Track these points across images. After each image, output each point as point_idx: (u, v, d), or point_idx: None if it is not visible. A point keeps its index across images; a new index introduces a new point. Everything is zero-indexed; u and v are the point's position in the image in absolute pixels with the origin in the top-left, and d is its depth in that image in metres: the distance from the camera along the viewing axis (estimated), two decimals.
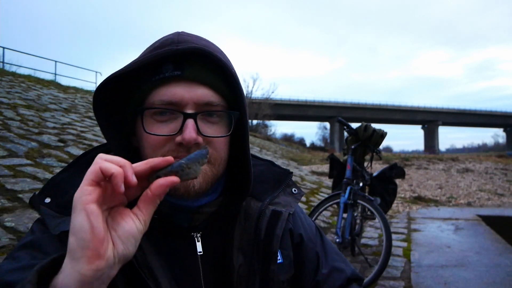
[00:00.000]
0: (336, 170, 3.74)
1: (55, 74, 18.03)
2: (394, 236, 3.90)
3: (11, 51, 27.99)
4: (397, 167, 3.93)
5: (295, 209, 0.85)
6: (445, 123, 79.39)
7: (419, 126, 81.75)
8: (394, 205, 6.34)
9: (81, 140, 4.77)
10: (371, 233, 4.41)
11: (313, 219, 3.02)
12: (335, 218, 4.17)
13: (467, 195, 8.22)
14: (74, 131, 5.16)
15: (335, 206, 3.32)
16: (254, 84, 76.64)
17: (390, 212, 5.65)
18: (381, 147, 3.85)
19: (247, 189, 0.76)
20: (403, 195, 7.67)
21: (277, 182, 0.84)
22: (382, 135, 3.52)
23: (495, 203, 7.47)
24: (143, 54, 0.69)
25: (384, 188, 3.75)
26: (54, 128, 5.03)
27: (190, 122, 0.65)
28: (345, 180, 3.11)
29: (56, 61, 18.83)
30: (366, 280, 2.66)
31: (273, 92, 57.11)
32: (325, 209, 3.13)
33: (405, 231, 4.57)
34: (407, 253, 3.63)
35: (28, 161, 3.52)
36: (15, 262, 0.60)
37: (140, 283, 0.63)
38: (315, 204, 3.80)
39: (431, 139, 74.34)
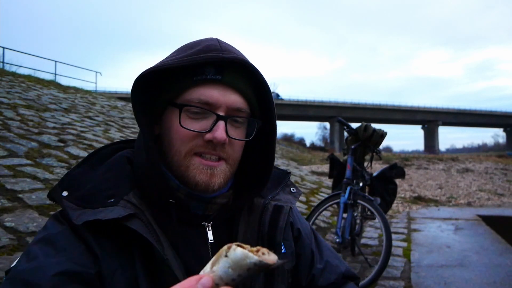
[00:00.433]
0: (336, 170, 3.74)
1: (55, 74, 18.01)
2: (394, 236, 3.90)
3: (11, 51, 28.01)
4: (397, 167, 3.93)
5: (294, 206, 0.90)
6: (445, 123, 79.33)
7: (419, 126, 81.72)
8: (394, 205, 6.34)
9: (81, 140, 4.77)
10: (371, 233, 4.41)
11: (313, 219, 3.03)
12: (335, 218, 4.16)
13: (467, 195, 8.23)
14: (74, 131, 5.16)
15: (335, 206, 3.33)
16: None
17: (390, 212, 5.65)
18: (381, 147, 3.85)
19: (261, 187, 0.83)
20: (403, 195, 7.67)
21: (277, 181, 0.90)
22: (382, 135, 3.52)
23: (495, 203, 7.47)
24: (185, 55, 0.73)
25: (384, 188, 3.75)
26: (54, 128, 5.03)
27: (222, 123, 0.72)
28: (345, 180, 3.11)
29: (56, 61, 18.81)
30: (366, 280, 2.66)
31: (273, 92, 57.04)
32: (325, 209, 3.14)
33: (405, 231, 4.57)
34: (407, 253, 3.63)
35: (28, 161, 3.52)
36: (30, 259, 0.62)
37: (158, 275, 0.66)
38: (315, 204, 3.79)
39: (431, 139, 74.31)
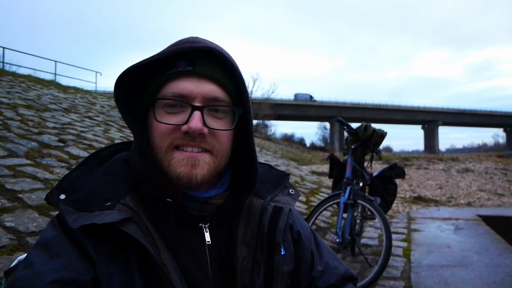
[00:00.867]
0: (336, 170, 3.74)
1: (55, 74, 18.01)
2: (394, 236, 3.89)
3: (11, 51, 27.95)
4: (397, 167, 3.93)
5: (293, 208, 0.90)
6: (445, 123, 79.26)
7: (419, 126, 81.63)
8: (394, 205, 6.34)
9: (81, 140, 4.77)
10: (371, 233, 4.41)
11: (313, 219, 3.02)
12: (335, 218, 4.16)
13: (467, 195, 8.22)
14: (74, 131, 5.16)
15: (335, 206, 3.32)
16: (254, 84, 76.55)
17: (390, 212, 5.65)
18: (381, 147, 3.85)
19: (252, 184, 0.81)
20: (403, 195, 7.67)
21: (276, 183, 0.89)
22: (382, 135, 3.52)
23: (495, 203, 7.47)
24: (160, 52, 0.74)
25: (384, 188, 3.74)
26: (54, 128, 5.03)
27: (197, 114, 0.70)
28: (345, 180, 3.11)
29: (56, 61, 18.79)
30: (366, 280, 2.66)
31: (273, 92, 57.08)
32: (325, 209, 3.13)
33: (405, 231, 4.57)
34: (407, 253, 3.63)
35: (28, 161, 3.52)
36: (27, 266, 0.63)
37: (154, 279, 0.66)
38: (315, 204, 3.79)
39: (431, 139, 74.26)
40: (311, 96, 66.27)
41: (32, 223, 2.45)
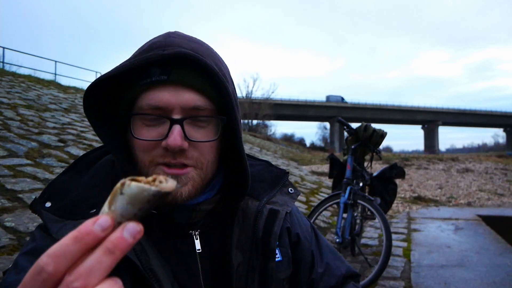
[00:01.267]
0: (336, 170, 3.74)
1: (55, 74, 18.06)
2: (394, 236, 3.90)
3: (11, 51, 28.03)
4: (397, 167, 3.93)
5: (291, 209, 0.85)
6: (445, 123, 79.33)
7: (419, 126, 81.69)
8: (394, 205, 6.34)
9: (81, 140, 4.77)
10: (371, 233, 4.41)
11: (313, 219, 3.02)
12: (335, 218, 4.17)
13: (467, 195, 8.23)
14: (74, 131, 5.16)
15: (335, 206, 3.32)
16: (254, 84, 76.86)
17: (390, 212, 5.65)
18: (381, 147, 3.85)
19: (244, 189, 0.76)
20: (403, 195, 7.67)
21: (274, 182, 0.85)
22: (382, 135, 3.52)
23: (495, 203, 7.47)
24: (132, 57, 0.68)
25: (384, 188, 3.75)
26: (54, 128, 5.03)
27: (176, 128, 0.64)
28: (345, 180, 3.11)
29: (56, 61, 18.90)
30: (366, 280, 2.66)
31: (273, 92, 57.37)
32: (325, 209, 3.13)
33: (405, 231, 4.57)
34: (407, 253, 3.63)
35: (28, 161, 3.52)
36: (20, 271, 0.59)
37: (144, 286, 0.63)
38: (315, 204, 3.79)
39: (431, 139, 74.30)
40: (343, 98, 67.77)
41: (32, 223, 2.45)
